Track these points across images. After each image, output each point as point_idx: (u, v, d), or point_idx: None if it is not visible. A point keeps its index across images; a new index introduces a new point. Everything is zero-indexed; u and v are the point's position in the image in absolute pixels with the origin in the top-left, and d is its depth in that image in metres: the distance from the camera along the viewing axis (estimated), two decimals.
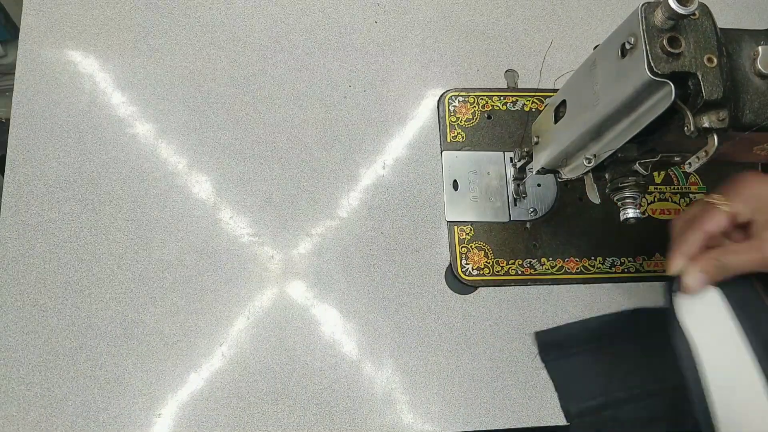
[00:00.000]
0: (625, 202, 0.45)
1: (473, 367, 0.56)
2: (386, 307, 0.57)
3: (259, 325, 0.55)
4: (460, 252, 0.58)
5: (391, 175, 0.61)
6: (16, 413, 0.51)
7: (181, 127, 0.60)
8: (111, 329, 0.54)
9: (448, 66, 0.65)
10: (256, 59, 0.62)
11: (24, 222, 0.55)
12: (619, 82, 0.38)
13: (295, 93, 0.62)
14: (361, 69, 0.63)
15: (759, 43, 0.38)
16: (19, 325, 0.53)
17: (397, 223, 0.59)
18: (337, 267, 0.57)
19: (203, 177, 0.58)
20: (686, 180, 0.63)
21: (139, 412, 0.52)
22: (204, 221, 0.57)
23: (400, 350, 0.56)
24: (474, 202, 0.60)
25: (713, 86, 0.35)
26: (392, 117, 0.62)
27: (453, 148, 0.61)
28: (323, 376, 0.54)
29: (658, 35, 0.35)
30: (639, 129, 0.39)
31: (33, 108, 0.58)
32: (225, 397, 0.53)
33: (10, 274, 0.54)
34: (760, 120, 0.37)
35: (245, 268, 0.56)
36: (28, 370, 0.52)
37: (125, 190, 0.57)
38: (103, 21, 0.62)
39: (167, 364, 0.53)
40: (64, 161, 0.57)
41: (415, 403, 0.54)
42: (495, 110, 0.63)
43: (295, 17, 0.64)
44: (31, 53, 0.60)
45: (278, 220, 0.58)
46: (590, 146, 0.44)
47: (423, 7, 0.66)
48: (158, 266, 0.55)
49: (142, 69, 0.61)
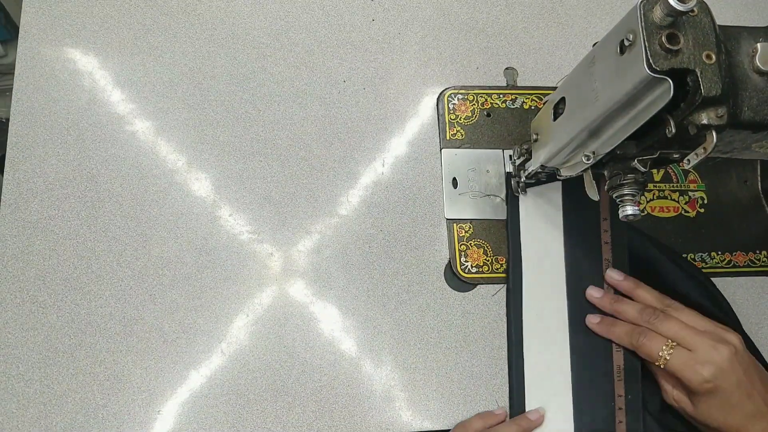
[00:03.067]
0: (624, 199, 0.45)
1: (472, 365, 0.56)
2: (385, 305, 0.57)
3: (259, 322, 0.55)
4: (460, 249, 0.58)
5: (390, 172, 0.61)
6: (15, 410, 0.51)
7: (181, 124, 0.60)
8: (110, 326, 0.54)
9: (448, 64, 0.65)
10: (255, 57, 0.62)
11: (23, 219, 0.55)
12: (617, 79, 0.38)
13: (294, 91, 0.62)
14: (361, 67, 0.63)
15: (758, 40, 0.38)
16: (19, 322, 0.53)
17: (397, 221, 0.59)
18: (337, 264, 0.57)
19: (203, 174, 0.58)
20: (685, 178, 0.63)
21: (138, 409, 0.52)
22: (203, 219, 0.57)
23: (400, 347, 0.56)
24: (473, 199, 0.60)
25: (712, 83, 0.35)
26: (392, 115, 0.62)
27: (452, 145, 0.61)
28: (322, 373, 0.54)
29: (656, 32, 0.35)
30: (638, 126, 0.39)
31: (32, 105, 0.58)
32: (224, 394, 0.53)
33: (9, 272, 0.54)
34: (759, 117, 0.37)
35: (244, 266, 0.56)
36: (27, 367, 0.52)
37: (125, 188, 0.57)
38: (103, 18, 0.62)
39: (167, 362, 0.53)
40: (64, 159, 0.57)
41: (414, 400, 0.54)
42: (494, 108, 0.63)
43: (294, 15, 0.64)
44: (30, 51, 0.60)
45: (278, 218, 0.58)
46: (589, 143, 0.44)
47: (422, 5, 0.66)
48: (158, 263, 0.56)
49: (141, 66, 0.61)
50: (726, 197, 0.63)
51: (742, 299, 0.60)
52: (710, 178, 0.64)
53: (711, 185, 0.64)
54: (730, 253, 0.62)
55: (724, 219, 0.63)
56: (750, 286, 0.61)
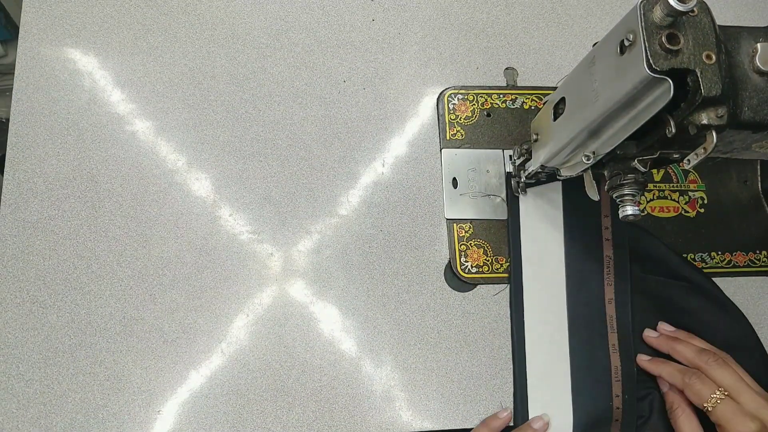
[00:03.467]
0: (624, 199, 0.45)
1: (472, 365, 0.56)
2: (385, 305, 0.57)
3: (259, 322, 0.55)
4: (460, 249, 0.58)
5: (390, 172, 0.61)
6: (15, 410, 0.51)
7: (181, 124, 0.60)
8: (110, 326, 0.54)
9: (448, 64, 0.65)
10: (255, 57, 0.62)
11: (23, 219, 0.55)
12: (617, 79, 0.38)
13: (294, 90, 0.62)
14: (361, 67, 0.63)
15: (758, 40, 0.38)
16: (19, 322, 0.53)
17: (397, 221, 0.59)
18: (337, 264, 0.57)
19: (202, 174, 0.58)
20: (685, 178, 0.63)
21: (138, 409, 0.52)
22: (203, 219, 0.57)
23: (400, 347, 0.56)
24: (473, 199, 0.60)
25: (712, 83, 0.35)
26: (392, 115, 0.62)
27: (452, 145, 0.61)
28: (322, 374, 0.54)
29: (656, 32, 0.35)
30: (638, 126, 0.39)
31: (32, 105, 0.58)
32: (224, 394, 0.53)
33: (9, 272, 0.54)
34: (759, 117, 0.37)
35: (244, 266, 0.56)
36: (27, 367, 0.52)
37: (125, 188, 0.57)
38: (103, 18, 0.62)
39: (167, 362, 0.53)
40: (64, 158, 0.57)
41: (414, 401, 0.54)
42: (494, 108, 0.63)
43: (294, 15, 0.64)
44: (30, 51, 0.60)
45: (278, 218, 0.58)
46: (589, 143, 0.44)
47: (422, 5, 0.66)
48: (158, 263, 0.56)
49: (141, 66, 0.61)
50: (726, 197, 0.63)
51: (742, 299, 0.60)
52: (710, 178, 0.64)
53: (711, 185, 0.63)
54: (730, 253, 0.62)
55: (724, 219, 0.63)
56: (750, 286, 0.61)
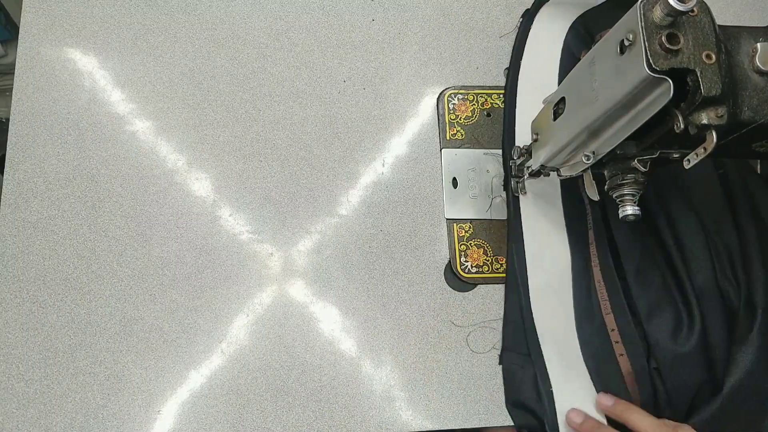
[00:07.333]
0: (624, 199, 0.45)
1: (472, 365, 0.56)
2: (385, 305, 0.57)
3: (259, 322, 0.55)
4: (459, 249, 0.58)
5: (390, 172, 0.61)
6: (15, 410, 0.51)
7: (181, 124, 0.60)
8: (110, 326, 0.54)
9: (448, 64, 0.65)
10: (255, 57, 0.62)
11: (23, 219, 0.55)
12: (617, 78, 0.38)
13: (294, 91, 0.62)
14: (361, 67, 0.63)
15: (758, 40, 0.38)
16: (19, 322, 0.53)
17: (397, 221, 0.59)
18: (337, 264, 0.57)
19: (203, 174, 0.59)
20: None
21: (138, 409, 0.52)
22: (203, 218, 0.57)
23: (399, 347, 0.56)
24: (473, 199, 0.60)
25: (712, 83, 0.35)
26: (392, 115, 0.62)
27: (452, 145, 0.62)
28: (322, 373, 0.54)
29: (656, 32, 0.35)
30: (638, 125, 0.39)
31: (33, 105, 0.58)
32: (224, 394, 0.53)
33: (9, 272, 0.54)
34: (759, 117, 0.37)
35: (244, 266, 0.56)
36: (27, 367, 0.52)
37: (125, 188, 0.57)
38: (103, 18, 0.62)
39: (166, 361, 0.53)
40: (64, 158, 0.57)
41: (413, 400, 0.54)
42: (494, 108, 0.63)
43: (294, 15, 0.64)
44: (30, 51, 0.60)
45: (278, 218, 0.58)
46: (589, 143, 0.44)
47: (422, 5, 0.66)
48: (158, 263, 0.56)
49: (141, 66, 0.61)
50: None
51: None
52: None
53: None
54: None
55: None
56: None
